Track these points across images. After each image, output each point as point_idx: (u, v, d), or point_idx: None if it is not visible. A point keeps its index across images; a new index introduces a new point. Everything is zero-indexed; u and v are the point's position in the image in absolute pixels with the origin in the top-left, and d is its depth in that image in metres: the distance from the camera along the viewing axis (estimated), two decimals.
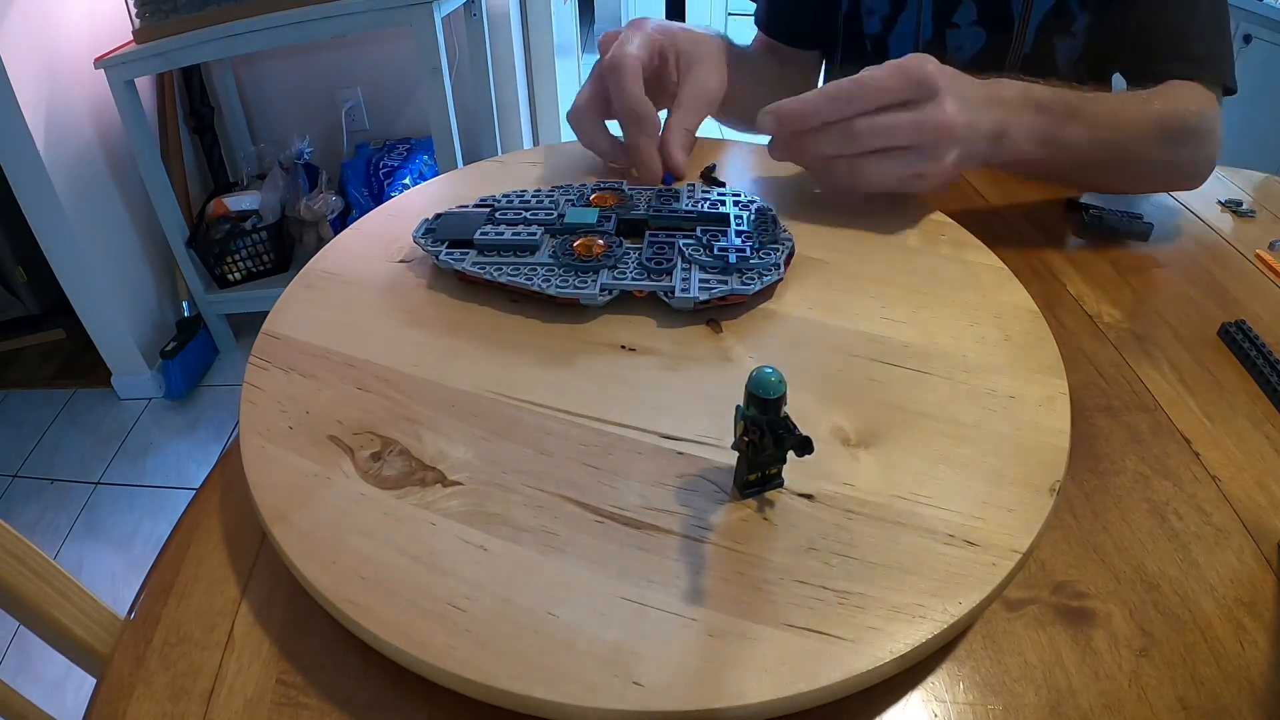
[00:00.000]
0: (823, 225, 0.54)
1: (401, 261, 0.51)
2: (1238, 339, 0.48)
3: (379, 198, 1.94)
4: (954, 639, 0.32)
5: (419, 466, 0.36)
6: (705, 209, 0.51)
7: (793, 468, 0.35)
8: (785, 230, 0.50)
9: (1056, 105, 0.54)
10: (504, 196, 0.53)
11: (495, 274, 0.46)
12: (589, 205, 0.52)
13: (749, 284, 0.45)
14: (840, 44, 0.83)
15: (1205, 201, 0.66)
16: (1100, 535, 0.37)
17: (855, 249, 0.51)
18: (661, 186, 0.55)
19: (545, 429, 0.38)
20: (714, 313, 0.45)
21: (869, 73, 0.49)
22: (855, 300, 0.46)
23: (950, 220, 0.55)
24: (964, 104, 0.49)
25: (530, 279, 0.46)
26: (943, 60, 0.51)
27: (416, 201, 0.58)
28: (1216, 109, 0.61)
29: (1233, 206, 0.65)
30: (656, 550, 0.32)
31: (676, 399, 0.40)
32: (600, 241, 0.48)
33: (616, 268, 0.47)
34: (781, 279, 0.47)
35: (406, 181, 1.96)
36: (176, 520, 0.40)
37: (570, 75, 2.81)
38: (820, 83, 0.87)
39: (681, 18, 1.82)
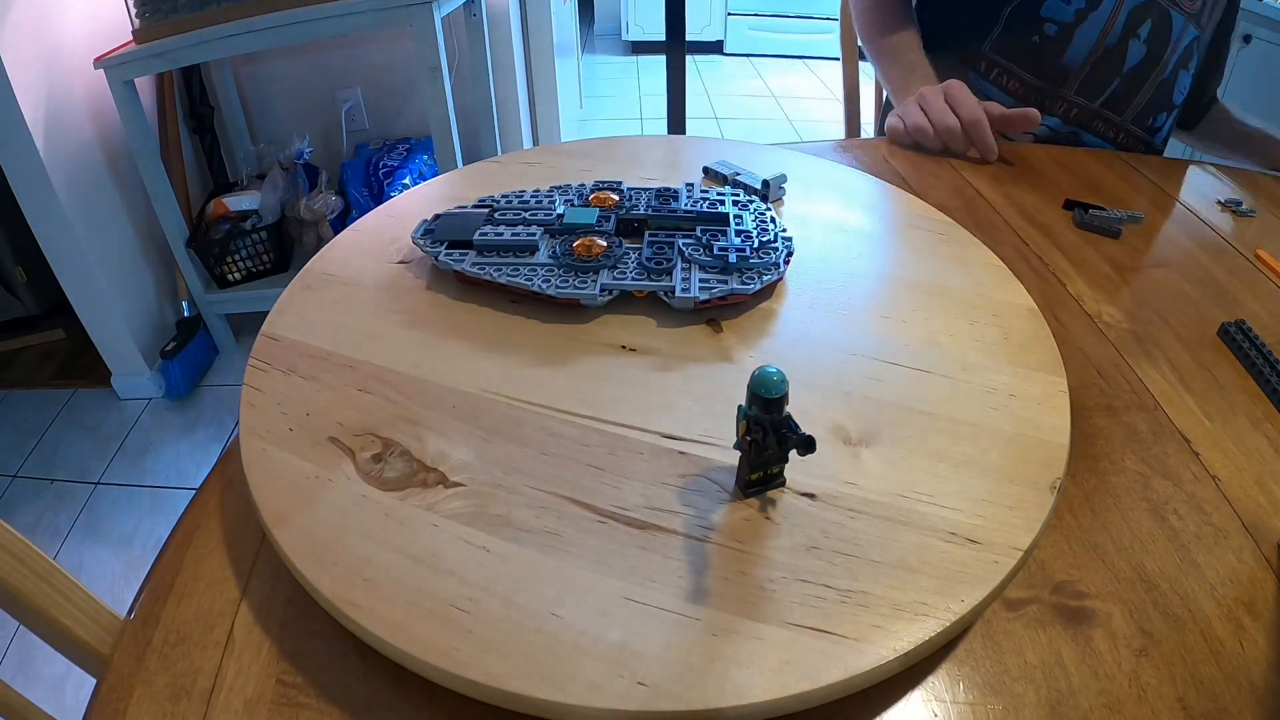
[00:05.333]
0: (822, 224, 0.54)
1: (400, 262, 0.51)
2: (1237, 339, 0.48)
3: (379, 198, 1.94)
4: (955, 638, 0.32)
5: (420, 468, 0.36)
6: (704, 209, 0.51)
7: (794, 467, 0.35)
8: (785, 230, 0.50)
9: None
10: (503, 197, 0.53)
11: (495, 274, 0.46)
12: (588, 205, 0.52)
13: (749, 284, 0.45)
14: (1004, 19, 0.84)
15: (1205, 201, 0.66)
16: (1100, 535, 0.37)
17: (855, 248, 0.51)
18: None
19: (546, 429, 0.38)
20: (714, 312, 0.45)
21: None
22: (855, 300, 0.46)
23: (950, 220, 0.55)
24: None
25: (530, 279, 0.46)
26: (1115, 67, 0.76)
27: (415, 202, 0.58)
28: None
29: (1232, 206, 0.65)
30: (659, 550, 0.32)
31: (677, 399, 0.40)
32: (600, 242, 0.48)
33: (616, 268, 0.47)
34: (781, 278, 0.47)
35: (406, 181, 1.96)
36: (176, 520, 0.40)
37: (570, 75, 2.81)
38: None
39: (681, 18, 1.82)
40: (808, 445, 0.31)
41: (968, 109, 0.72)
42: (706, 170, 0.60)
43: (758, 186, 0.56)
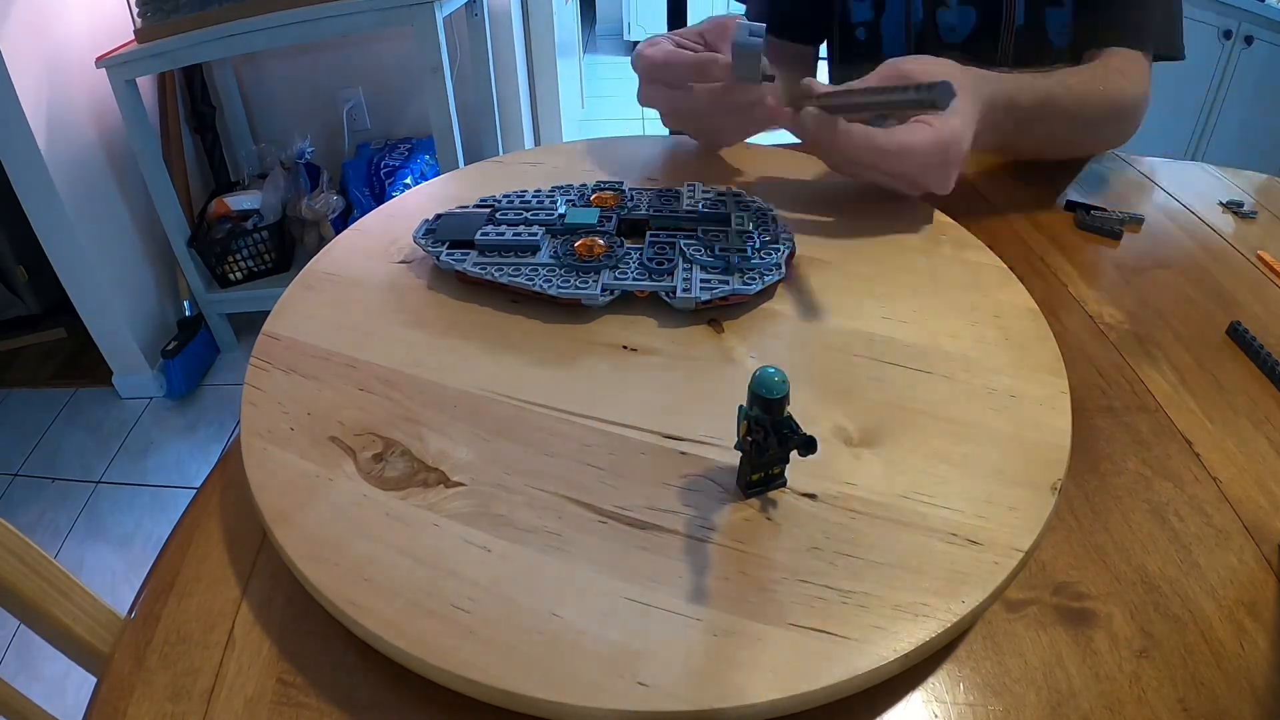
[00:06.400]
0: (823, 225, 0.54)
1: (402, 262, 0.51)
2: (1247, 338, 0.48)
3: (380, 197, 1.94)
4: (955, 639, 0.32)
5: (421, 467, 0.36)
6: (705, 209, 0.51)
7: (795, 467, 0.35)
8: (786, 230, 0.50)
9: (1031, 106, 0.58)
10: (504, 197, 0.53)
11: (496, 274, 0.46)
12: (589, 205, 0.52)
13: (750, 284, 0.45)
14: (836, 35, 0.82)
15: (1206, 202, 0.66)
16: (1101, 536, 0.37)
17: (856, 249, 0.51)
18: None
19: (547, 429, 0.38)
20: (715, 313, 0.45)
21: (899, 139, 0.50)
22: (856, 300, 0.46)
23: (951, 220, 0.55)
24: (967, 131, 0.52)
25: (531, 279, 0.46)
26: (937, 43, 0.55)
27: (417, 202, 0.58)
28: (1149, 78, 0.67)
29: (1234, 207, 0.65)
30: (660, 550, 0.32)
31: (678, 399, 0.40)
32: (601, 242, 0.48)
33: (618, 268, 0.47)
34: (783, 279, 0.47)
35: (408, 181, 1.96)
36: (177, 520, 0.40)
37: (571, 75, 2.81)
38: (822, 79, 0.88)
39: (682, 18, 1.82)
40: (809, 446, 0.31)
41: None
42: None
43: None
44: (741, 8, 0.87)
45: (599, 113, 3.20)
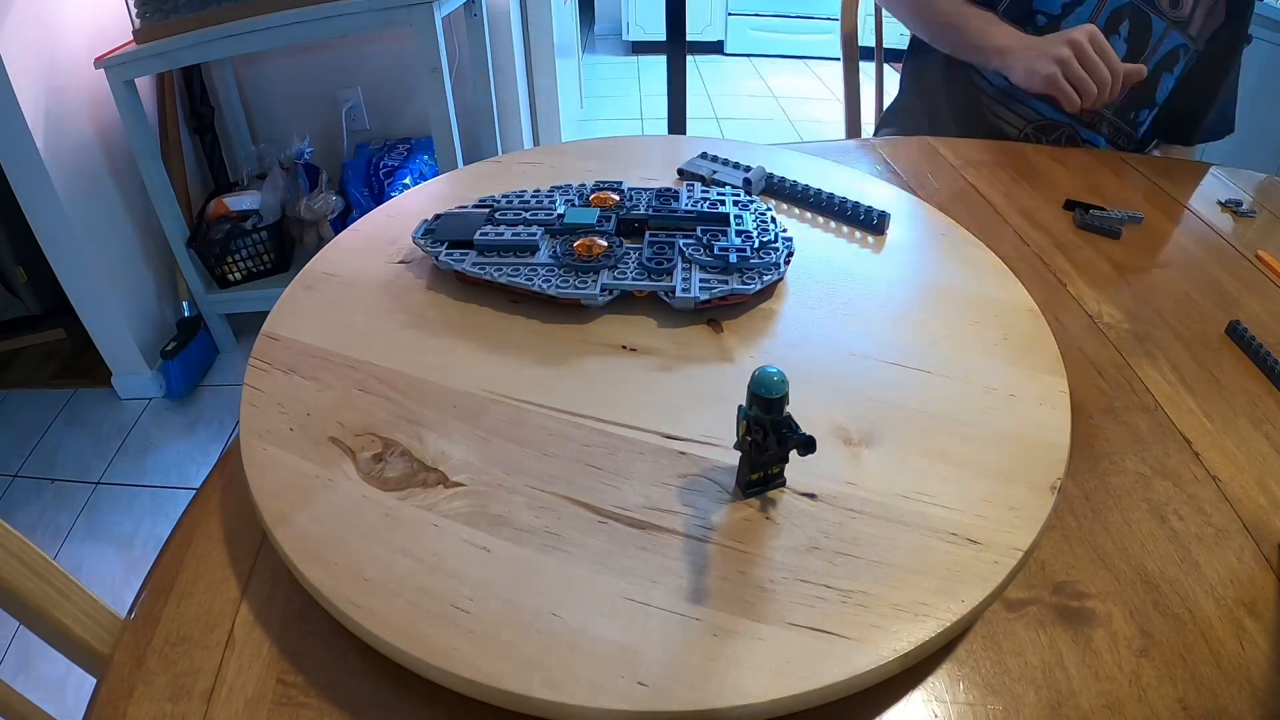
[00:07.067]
0: (822, 225, 0.54)
1: (401, 262, 0.51)
2: (1246, 337, 0.48)
3: (379, 198, 1.93)
4: (955, 638, 0.32)
5: (421, 468, 0.36)
6: (705, 209, 0.51)
7: (795, 467, 0.35)
8: (785, 230, 0.50)
9: None
10: (504, 197, 0.53)
11: (495, 274, 0.46)
12: (588, 205, 0.52)
13: (749, 284, 0.45)
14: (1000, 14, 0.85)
15: (1205, 202, 0.66)
16: (1100, 535, 0.37)
17: (855, 248, 0.51)
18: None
19: (547, 429, 0.38)
20: (714, 312, 0.45)
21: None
22: (855, 300, 0.46)
23: (951, 220, 0.55)
24: None
25: (530, 279, 0.46)
26: None
27: (416, 202, 0.58)
28: None
29: (1233, 207, 0.65)
30: (659, 550, 0.32)
31: (678, 399, 0.40)
32: (600, 242, 0.48)
33: (617, 268, 0.47)
34: (782, 279, 0.47)
35: (407, 181, 1.96)
36: (177, 520, 0.40)
37: (570, 75, 2.81)
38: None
39: (682, 18, 1.82)
40: (808, 445, 0.31)
41: (1115, 60, 0.70)
42: (681, 172, 0.60)
43: (739, 184, 0.56)
44: (739, 10, 0.88)
45: (598, 113, 3.20)
